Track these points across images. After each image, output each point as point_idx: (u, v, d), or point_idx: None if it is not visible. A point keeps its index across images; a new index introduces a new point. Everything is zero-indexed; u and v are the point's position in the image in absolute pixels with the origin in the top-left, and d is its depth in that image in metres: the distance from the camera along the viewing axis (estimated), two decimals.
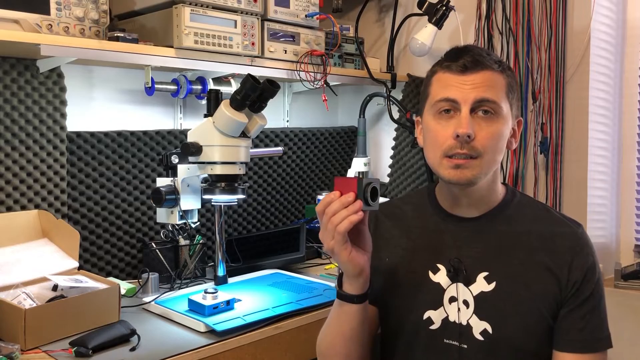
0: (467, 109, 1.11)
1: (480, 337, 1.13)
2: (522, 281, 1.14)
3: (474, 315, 1.14)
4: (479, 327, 1.14)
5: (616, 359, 1.80)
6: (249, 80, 1.52)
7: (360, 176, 1.06)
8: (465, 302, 1.15)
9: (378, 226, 1.31)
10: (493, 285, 1.15)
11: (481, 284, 1.15)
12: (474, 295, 1.15)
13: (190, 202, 1.66)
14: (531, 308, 1.13)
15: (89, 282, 1.49)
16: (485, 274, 1.16)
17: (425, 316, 1.18)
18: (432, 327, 1.17)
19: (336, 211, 1.05)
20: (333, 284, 1.76)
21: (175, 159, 1.68)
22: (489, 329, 1.13)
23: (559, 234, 1.17)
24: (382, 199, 1.11)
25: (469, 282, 1.16)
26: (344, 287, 1.16)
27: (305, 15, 2.00)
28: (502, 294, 1.14)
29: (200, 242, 1.92)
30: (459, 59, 1.13)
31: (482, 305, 1.14)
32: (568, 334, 1.13)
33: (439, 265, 1.19)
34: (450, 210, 1.23)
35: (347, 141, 2.63)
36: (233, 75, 2.00)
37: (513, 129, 1.20)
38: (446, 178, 1.14)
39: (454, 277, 1.17)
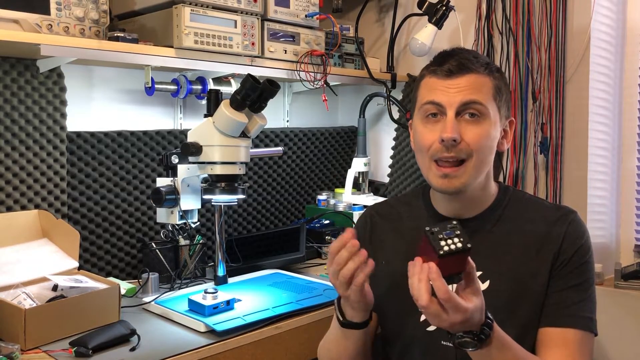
0: (452, 112, 1.12)
1: None
2: (516, 279, 1.15)
3: None
4: None
5: (616, 358, 1.80)
6: (249, 80, 1.52)
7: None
8: None
9: (374, 228, 1.31)
10: (487, 284, 1.15)
11: None
12: None
13: (190, 202, 1.66)
14: (525, 304, 1.14)
15: (89, 282, 1.49)
16: (478, 273, 1.16)
17: (422, 318, 1.18)
18: (429, 329, 1.17)
19: (346, 260, 1.03)
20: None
21: (175, 159, 1.68)
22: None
23: (551, 224, 1.18)
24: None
25: None
26: (346, 315, 1.15)
27: (305, 15, 2.00)
28: (496, 292, 1.14)
29: (200, 242, 1.91)
30: (445, 64, 1.14)
31: None
32: (545, 309, 1.13)
33: None
34: (443, 213, 1.24)
35: (347, 141, 2.63)
36: (233, 75, 2.00)
37: (504, 130, 1.20)
38: (435, 187, 1.17)
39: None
